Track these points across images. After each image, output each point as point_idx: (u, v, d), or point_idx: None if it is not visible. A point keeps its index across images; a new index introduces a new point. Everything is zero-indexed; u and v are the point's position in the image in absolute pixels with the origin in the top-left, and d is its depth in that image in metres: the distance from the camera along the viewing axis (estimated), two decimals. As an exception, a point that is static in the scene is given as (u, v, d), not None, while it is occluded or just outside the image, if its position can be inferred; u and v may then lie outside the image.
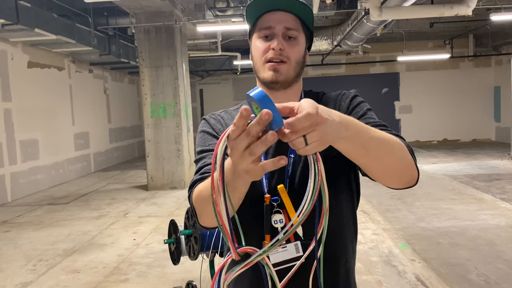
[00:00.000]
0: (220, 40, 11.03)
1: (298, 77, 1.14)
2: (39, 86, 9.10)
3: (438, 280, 3.66)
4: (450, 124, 15.14)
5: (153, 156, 8.37)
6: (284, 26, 1.06)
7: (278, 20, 1.06)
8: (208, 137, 1.16)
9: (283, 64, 1.07)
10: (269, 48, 1.07)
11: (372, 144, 0.87)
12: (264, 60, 1.08)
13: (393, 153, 0.92)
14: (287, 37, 1.07)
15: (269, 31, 1.07)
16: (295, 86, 1.15)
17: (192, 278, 2.62)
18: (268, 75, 1.08)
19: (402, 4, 6.93)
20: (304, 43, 1.12)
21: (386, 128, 1.05)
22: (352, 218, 1.16)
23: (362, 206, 6.41)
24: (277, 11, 1.06)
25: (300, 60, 1.11)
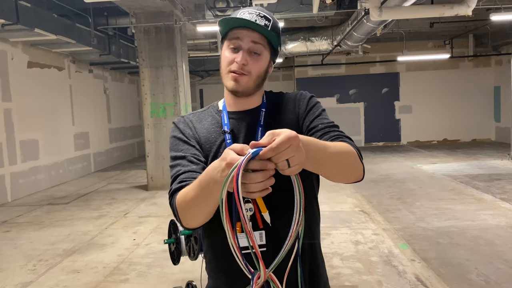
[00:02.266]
0: (220, 40, 11.02)
1: (258, 87, 1.28)
2: (39, 86, 9.10)
3: (438, 280, 3.66)
4: (450, 124, 15.14)
5: (153, 156, 8.37)
6: (251, 40, 1.20)
7: (246, 34, 1.20)
8: (179, 142, 1.28)
9: (244, 76, 1.21)
10: (233, 60, 1.21)
11: (326, 160, 1.05)
12: (228, 70, 1.22)
13: (344, 163, 1.12)
14: (252, 52, 1.21)
15: (237, 42, 1.21)
16: (256, 94, 1.30)
17: (192, 278, 2.62)
18: (230, 84, 1.23)
19: (402, 4, 6.93)
20: (268, 58, 1.25)
21: (337, 130, 1.24)
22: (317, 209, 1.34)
23: (362, 206, 6.41)
24: (247, 28, 1.20)
25: (261, 74, 1.25)
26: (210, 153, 1.27)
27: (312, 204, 1.32)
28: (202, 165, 1.23)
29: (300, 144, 0.88)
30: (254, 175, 0.87)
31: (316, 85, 15.13)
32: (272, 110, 1.30)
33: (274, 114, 1.30)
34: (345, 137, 1.21)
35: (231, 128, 1.27)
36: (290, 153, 0.86)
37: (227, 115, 1.30)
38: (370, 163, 10.80)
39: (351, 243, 4.72)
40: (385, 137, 15.52)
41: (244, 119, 1.29)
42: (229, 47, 1.23)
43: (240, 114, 1.30)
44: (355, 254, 4.37)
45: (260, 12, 1.23)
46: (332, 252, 4.42)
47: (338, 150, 1.09)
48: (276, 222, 1.16)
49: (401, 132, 15.51)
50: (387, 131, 15.49)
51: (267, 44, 1.23)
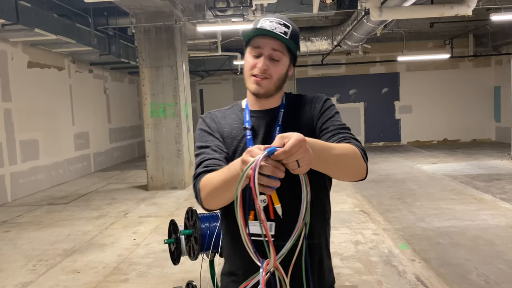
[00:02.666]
0: (220, 40, 11.03)
1: (278, 89, 1.39)
2: (39, 86, 9.10)
3: (438, 280, 3.66)
4: (450, 124, 15.14)
5: (153, 156, 8.37)
6: (271, 48, 1.32)
7: (266, 43, 1.32)
8: (205, 134, 1.42)
9: (265, 79, 1.33)
10: (255, 65, 1.33)
11: (330, 161, 1.16)
12: (251, 73, 1.35)
13: (348, 163, 1.22)
14: (272, 58, 1.32)
15: (259, 50, 1.33)
16: (276, 95, 1.41)
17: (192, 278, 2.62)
18: (252, 87, 1.36)
19: (402, 4, 6.93)
20: (287, 62, 1.37)
21: (346, 132, 1.35)
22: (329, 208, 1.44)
23: (362, 206, 6.41)
24: (267, 36, 1.32)
25: (281, 77, 1.36)
26: (231, 147, 1.39)
27: (325, 203, 1.42)
28: (224, 155, 1.36)
29: (308, 146, 0.98)
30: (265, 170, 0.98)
31: (316, 85, 15.13)
32: (290, 110, 1.42)
33: (292, 115, 1.41)
34: (352, 139, 1.32)
35: (252, 125, 1.39)
36: (299, 155, 0.97)
37: (249, 113, 1.42)
38: (370, 163, 10.69)
39: (351, 243, 4.72)
40: (385, 137, 15.52)
41: (264, 117, 1.40)
42: (251, 54, 1.35)
43: (261, 113, 1.41)
44: (355, 254, 4.37)
45: (280, 20, 1.34)
46: (332, 252, 4.38)
47: (342, 151, 1.20)
48: (288, 215, 1.20)
49: (401, 132, 15.51)
50: (387, 131, 15.49)
51: (286, 51, 1.34)
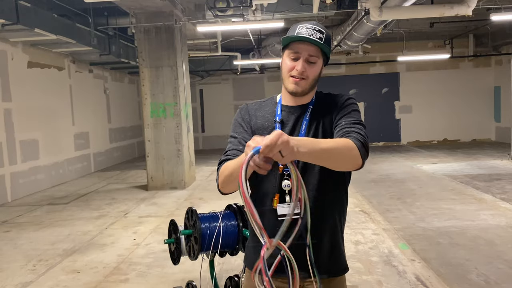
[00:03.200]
0: (220, 40, 11.03)
1: (313, 88, 1.59)
2: (39, 86, 9.10)
3: (438, 280, 3.66)
4: (450, 124, 15.14)
5: (153, 156, 8.37)
6: (308, 53, 1.49)
7: (304, 48, 1.49)
8: (237, 125, 1.63)
9: (303, 80, 1.52)
10: (294, 67, 1.51)
11: (322, 154, 1.32)
12: (289, 75, 1.53)
13: (338, 155, 1.36)
14: (309, 61, 1.50)
15: (297, 54, 1.50)
16: (310, 93, 1.59)
17: (192, 278, 2.62)
18: (291, 87, 1.54)
19: (402, 4, 6.93)
20: (321, 64, 1.55)
21: (352, 127, 1.47)
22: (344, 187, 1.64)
23: (362, 206, 6.41)
24: (305, 41, 1.48)
25: (316, 77, 1.55)
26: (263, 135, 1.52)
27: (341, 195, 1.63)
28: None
29: (287, 139, 1.16)
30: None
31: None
32: (317, 107, 1.59)
33: (319, 111, 1.58)
34: (355, 132, 1.44)
35: (281, 118, 1.58)
36: (279, 147, 1.15)
37: (281, 108, 1.61)
38: (370, 163, 10.80)
39: (351, 243, 4.72)
40: (385, 137, 15.52)
41: (294, 112, 1.59)
42: (290, 57, 1.51)
43: (292, 108, 1.59)
44: (355, 254, 4.37)
45: (315, 27, 1.50)
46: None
47: (331, 145, 1.35)
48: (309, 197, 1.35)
49: (401, 132, 15.51)
50: (387, 131, 15.49)
51: (320, 54, 1.51)
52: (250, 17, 8.15)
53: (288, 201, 1.47)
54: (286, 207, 1.47)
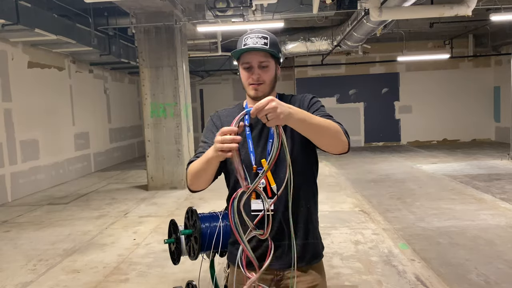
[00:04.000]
0: (220, 40, 11.03)
1: (272, 89, 1.68)
2: (39, 86, 9.11)
3: (438, 280, 3.67)
4: (450, 124, 15.14)
5: (153, 156, 8.37)
6: (258, 61, 1.61)
7: (253, 57, 1.61)
8: (208, 131, 1.74)
9: (261, 85, 1.63)
10: (250, 76, 1.63)
11: (312, 125, 1.45)
12: (248, 83, 1.65)
13: (328, 132, 1.49)
14: (261, 66, 1.61)
15: (248, 64, 1.62)
16: (271, 95, 1.65)
17: (192, 278, 2.63)
18: (252, 93, 1.65)
19: (402, 4, 6.93)
20: (274, 65, 1.66)
21: (331, 118, 1.59)
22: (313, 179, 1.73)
23: (362, 206, 6.42)
24: (252, 51, 1.61)
25: (272, 79, 1.66)
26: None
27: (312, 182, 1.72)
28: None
29: (275, 105, 1.31)
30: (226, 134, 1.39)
31: (316, 85, 15.13)
32: None
33: None
34: (335, 122, 1.55)
35: (250, 122, 1.67)
36: (267, 111, 1.31)
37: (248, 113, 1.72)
38: (370, 163, 10.80)
39: (351, 243, 4.72)
40: (385, 137, 15.52)
41: None
42: (244, 67, 1.64)
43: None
44: (355, 254, 4.37)
45: (258, 34, 1.62)
46: (332, 252, 4.43)
47: (323, 122, 1.48)
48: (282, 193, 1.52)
49: (401, 132, 15.51)
50: (387, 131, 15.49)
51: (270, 57, 1.63)
52: (250, 17, 8.15)
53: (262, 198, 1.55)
54: (260, 203, 1.57)
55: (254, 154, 1.64)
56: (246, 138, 1.65)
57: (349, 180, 8.51)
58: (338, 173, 9.49)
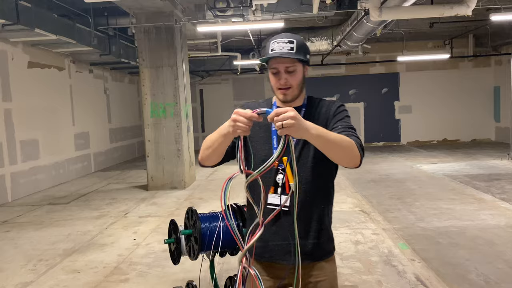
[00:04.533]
0: (220, 40, 11.03)
1: (301, 92, 1.74)
2: (39, 86, 9.11)
3: (438, 280, 3.67)
4: (450, 124, 15.15)
5: (153, 156, 8.38)
6: (284, 66, 1.66)
7: (280, 63, 1.67)
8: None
9: (289, 89, 1.69)
10: (277, 81, 1.69)
11: (326, 142, 1.51)
12: (276, 87, 1.71)
13: (341, 149, 1.54)
14: (288, 71, 1.67)
15: (275, 70, 1.68)
16: (300, 97, 1.76)
17: (192, 278, 2.63)
18: (281, 97, 1.72)
19: (402, 4, 6.93)
20: (302, 69, 1.71)
21: (352, 131, 1.64)
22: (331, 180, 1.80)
23: (362, 206, 6.42)
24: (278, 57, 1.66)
25: (300, 83, 1.71)
26: (258, 132, 1.74)
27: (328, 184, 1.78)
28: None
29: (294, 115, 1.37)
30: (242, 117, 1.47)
31: (316, 85, 15.12)
32: (309, 110, 1.76)
33: (311, 113, 1.74)
34: (353, 136, 1.61)
35: None
36: (284, 119, 1.37)
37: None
38: (370, 163, 10.80)
39: (351, 243, 4.72)
40: (385, 137, 15.52)
41: None
42: (272, 72, 1.70)
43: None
44: (355, 254, 4.37)
45: (285, 39, 1.67)
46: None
47: (338, 138, 1.53)
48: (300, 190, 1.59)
49: (401, 132, 15.51)
50: (387, 131, 15.49)
51: (297, 61, 1.67)
52: (250, 17, 8.15)
53: (279, 193, 1.66)
54: (277, 198, 1.66)
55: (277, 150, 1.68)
56: (271, 134, 1.72)
57: (349, 180, 8.52)
58: (338, 173, 9.41)
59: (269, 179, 1.69)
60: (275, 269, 1.72)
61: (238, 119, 1.46)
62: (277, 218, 1.63)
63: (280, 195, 1.65)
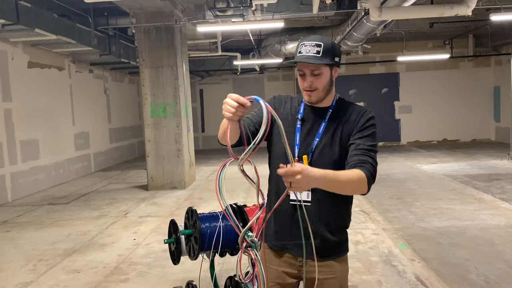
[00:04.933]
0: (220, 40, 11.03)
1: (328, 93, 1.76)
2: (39, 86, 9.11)
3: (438, 280, 3.67)
4: (450, 124, 15.14)
5: (153, 156, 8.37)
6: (310, 70, 1.70)
7: (305, 66, 1.70)
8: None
9: (314, 91, 1.73)
10: (303, 83, 1.73)
11: (337, 186, 1.56)
12: (302, 89, 1.75)
13: (350, 187, 1.60)
14: (313, 74, 1.69)
15: (301, 72, 1.72)
16: (327, 98, 1.77)
17: (192, 278, 2.63)
18: (306, 98, 1.77)
19: (402, 4, 6.93)
20: (328, 72, 1.72)
21: (367, 155, 1.69)
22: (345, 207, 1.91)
23: (362, 206, 6.42)
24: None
25: (326, 85, 1.73)
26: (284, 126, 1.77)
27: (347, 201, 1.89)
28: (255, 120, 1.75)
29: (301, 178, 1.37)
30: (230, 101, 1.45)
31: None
32: (337, 112, 1.77)
33: (338, 116, 1.76)
34: (368, 163, 1.67)
35: (303, 116, 1.79)
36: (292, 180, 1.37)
37: (304, 107, 1.81)
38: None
39: (351, 243, 4.68)
40: (385, 137, 15.52)
41: (314, 113, 1.79)
42: (299, 74, 1.74)
43: (313, 109, 1.80)
44: (355, 254, 4.37)
45: (312, 42, 1.68)
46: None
47: (347, 178, 1.57)
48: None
49: (401, 132, 15.51)
50: (387, 131, 15.49)
51: (323, 65, 1.68)
52: (250, 17, 8.15)
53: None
54: (298, 194, 1.71)
55: (299, 147, 1.76)
56: (295, 131, 1.77)
57: (349, 180, 8.51)
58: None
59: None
60: (285, 259, 1.81)
61: (228, 102, 1.44)
62: (293, 211, 1.72)
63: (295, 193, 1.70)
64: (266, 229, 1.81)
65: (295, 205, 1.71)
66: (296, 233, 1.69)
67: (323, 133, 1.75)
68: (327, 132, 1.75)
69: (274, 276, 1.81)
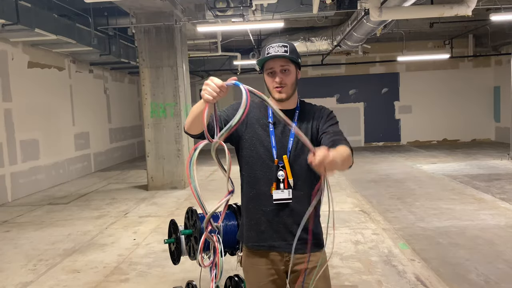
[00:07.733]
0: (220, 40, 11.03)
1: (294, 91, 1.89)
2: (39, 86, 9.11)
3: (438, 280, 3.67)
4: (450, 124, 15.14)
5: (153, 156, 8.38)
6: (280, 65, 1.83)
7: (275, 63, 1.83)
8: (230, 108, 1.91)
9: (284, 87, 1.84)
10: (273, 81, 1.84)
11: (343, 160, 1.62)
12: (272, 87, 1.85)
13: (347, 161, 1.68)
14: (283, 70, 1.83)
15: (272, 69, 1.84)
16: (292, 100, 1.91)
17: (192, 278, 2.63)
18: (277, 95, 1.86)
19: (402, 4, 6.93)
20: (295, 69, 1.87)
21: (342, 136, 1.81)
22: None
23: (362, 206, 6.42)
24: (275, 58, 1.82)
25: (293, 82, 1.86)
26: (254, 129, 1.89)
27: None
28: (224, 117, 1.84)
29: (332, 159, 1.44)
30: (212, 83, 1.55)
31: (316, 85, 15.13)
32: (303, 113, 1.91)
33: (304, 116, 1.90)
34: (344, 141, 1.76)
35: (274, 120, 1.89)
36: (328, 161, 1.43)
37: (271, 111, 1.89)
38: (370, 163, 10.80)
39: (351, 243, 4.72)
40: (385, 137, 15.52)
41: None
42: (267, 73, 1.85)
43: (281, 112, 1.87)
44: (355, 254, 4.37)
45: (279, 44, 1.83)
46: (332, 252, 4.42)
47: (345, 152, 1.67)
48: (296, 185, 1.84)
49: (401, 132, 15.51)
50: (387, 131, 15.49)
51: (290, 62, 1.83)
52: (250, 17, 8.16)
53: (282, 188, 1.83)
54: (281, 193, 1.83)
55: (276, 148, 1.86)
56: (270, 134, 1.88)
57: (349, 180, 8.52)
58: (338, 173, 9.49)
59: (271, 176, 1.85)
60: (272, 257, 1.89)
61: (210, 84, 1.53)
62: (277, 210, 1.83)
63: (283, 189, 1.82)
64: (249, 232, 1.91)
65: (280, 204, 1.83)
66: (282, 231, 1.84)
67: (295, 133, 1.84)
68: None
69: (265, 275, 1.90)
